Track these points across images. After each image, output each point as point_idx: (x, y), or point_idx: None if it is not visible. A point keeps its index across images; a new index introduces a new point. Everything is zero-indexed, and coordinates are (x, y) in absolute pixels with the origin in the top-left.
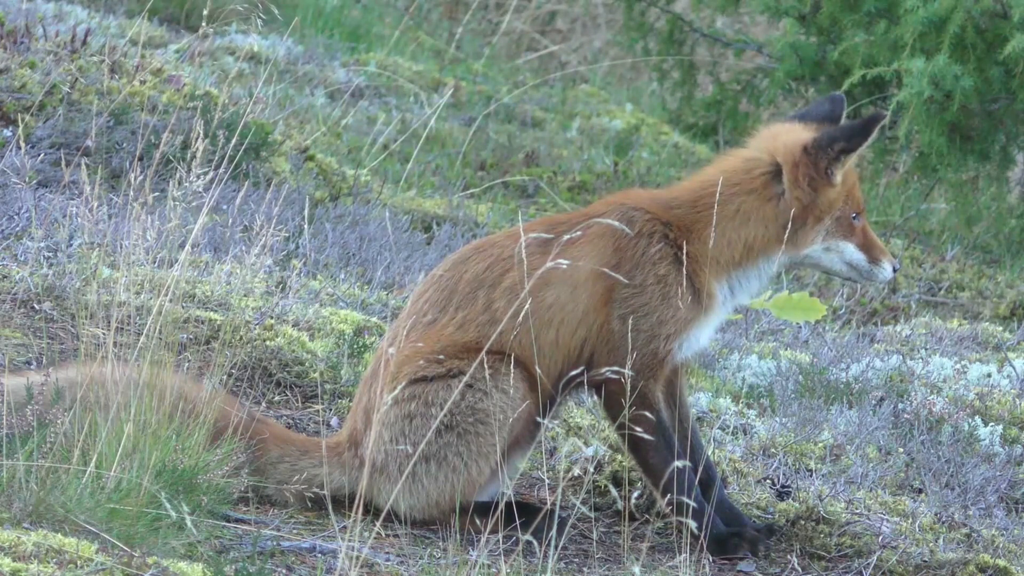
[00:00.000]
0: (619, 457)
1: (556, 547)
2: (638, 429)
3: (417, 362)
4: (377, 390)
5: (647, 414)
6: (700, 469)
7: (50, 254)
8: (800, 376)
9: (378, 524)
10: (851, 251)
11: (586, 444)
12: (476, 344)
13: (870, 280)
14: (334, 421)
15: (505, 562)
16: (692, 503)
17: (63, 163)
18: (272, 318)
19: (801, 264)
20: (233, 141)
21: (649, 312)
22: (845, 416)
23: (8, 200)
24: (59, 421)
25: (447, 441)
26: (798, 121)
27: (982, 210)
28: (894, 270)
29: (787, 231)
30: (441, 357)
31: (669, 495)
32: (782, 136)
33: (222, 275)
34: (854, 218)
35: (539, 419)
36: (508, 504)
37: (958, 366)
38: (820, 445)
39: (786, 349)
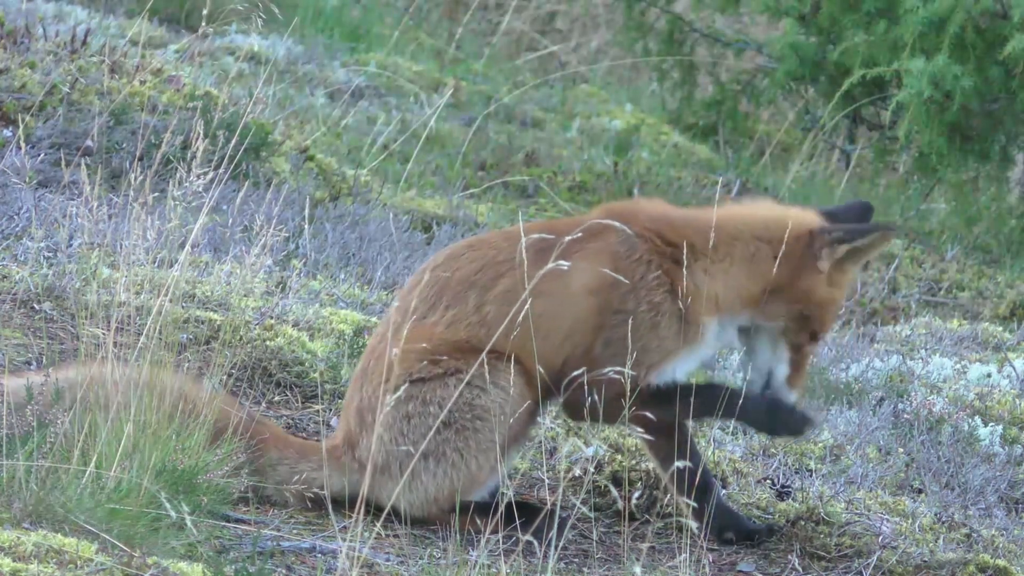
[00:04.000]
0: (619, 457)
1: (556, 547)
2: (639, 430)
3: (411, 362)
4: (369, 390)
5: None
6: (699, 473)
7: (50, 254)
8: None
9: (378, 524)
10: (782, 361)
11: (586, 444)
12: (467, 343)
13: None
14: (334, 421)
15: (505, 562)
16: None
17: (63, 163)
18: (272, 318)
19: (746, 335)
20: (233, 141)
21: (636, 338)
22: (845, 416)
23: (8, 200)
24: (59, 421)
25: (445, 438)
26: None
27: (982, 210)
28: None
29: (764, 295)
30: (436, 357)
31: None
32: (806, 216)
33: (222, 275)
34: (812, 336)
35: (538, 418)
36: (508, 504)
37: (958, 366)
38: (820, 445)
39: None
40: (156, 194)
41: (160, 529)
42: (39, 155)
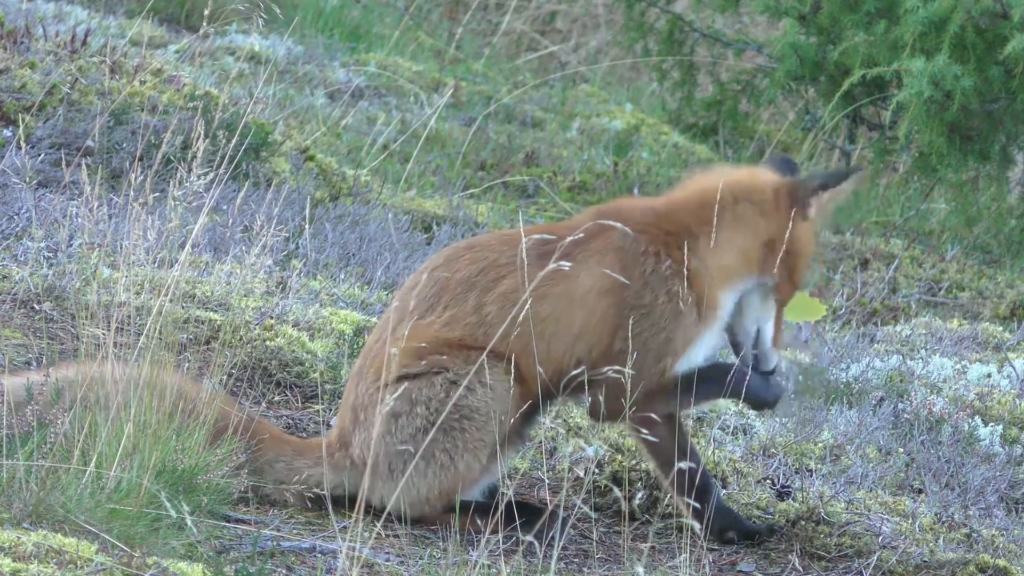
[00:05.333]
0: (619, 457)
1: (557, 548)
2: (644, 431)
3: (404, 360)
4: (362, 388)
5: (651, 415)
6: (699, 474)
7: (50, 254)
8: (800, 376)
9: (378, 524)
10: (769, 319)
11: (587, 444)
12: (459, 341)
13: (753, 363)
14: (334, 421)
15: (505, 562)
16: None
17: (63, 163)
18: (272, 318)
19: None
20: (233, 141)
21: (658, 331)
22: (845, 416)
23: (8, 200)
24: (59, 421)
25: (433, 437)
26: None
27: (982, 210)
28: (772, 371)
29: (762, 251)
30: (427, 355)
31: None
32: (766, 172)
33: (222, 275)
34: (793, 288)
35: (535, 418)
36: (508, 504)
37: (958, 366)
38: (820, 445)
39: (786, 349)
40: (156, 194)
41: (160, 529)
42: (39, 155)
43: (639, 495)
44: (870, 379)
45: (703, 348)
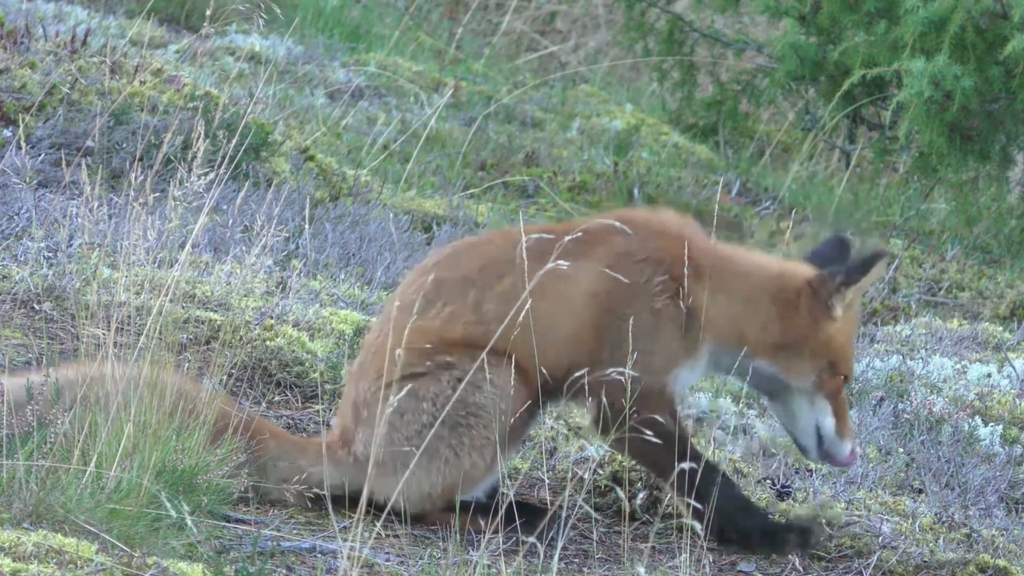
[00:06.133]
0: (619, 457)
1: (558, 548)
2: (648, 433)
3: (406, 358)
4: (364, 385)
5: (657, 417)
6: (699, 476)
7: (50, 254)
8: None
9: (378, 524)
10: (826, 413)
11: (588, 444)
12: (462, 340)
13: (823, 455)
14: (334, 421)
15: (506, 563)
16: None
17: (63, 163)
18: (272, 318)
19: (776, 397)
20: (233, 141)
21: (638, 344)
22: None
23: (8, 200)
24: (59, 421)
25: (439, 434)
26: (806, 261)
27: (982, 210)
28: (851, 453)
29: (781, 350)
30: (430, 353)
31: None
32: (800, 269)
33: (222, 275)
34: (844, 380)
35: (536, 417)
36: (508, 504)
37: (958, 366)
38: None
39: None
40: (156, 194)
41: (160, 529)
42: (39, 155)
43: (640, 495)
44: (870, 379)
45: (684, 374)
